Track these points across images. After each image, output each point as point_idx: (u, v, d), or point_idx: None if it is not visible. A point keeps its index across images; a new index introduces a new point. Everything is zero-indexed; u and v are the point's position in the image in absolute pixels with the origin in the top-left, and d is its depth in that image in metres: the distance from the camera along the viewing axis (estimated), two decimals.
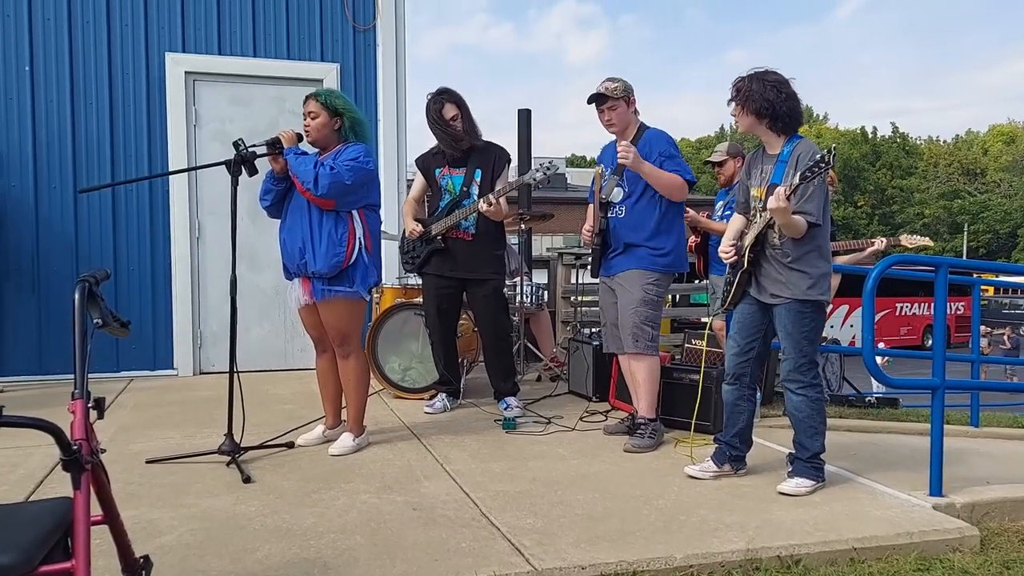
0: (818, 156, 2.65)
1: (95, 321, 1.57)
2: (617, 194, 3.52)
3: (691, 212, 4.50)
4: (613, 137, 3.63)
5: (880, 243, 4.88)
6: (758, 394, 3.51)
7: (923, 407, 5.35)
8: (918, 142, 51.27)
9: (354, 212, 3.22)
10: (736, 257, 2.94)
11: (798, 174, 2.67)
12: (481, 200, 3.80)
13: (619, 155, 3.34)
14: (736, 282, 2.94)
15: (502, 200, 3.84)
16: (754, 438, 3.14)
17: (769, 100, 2.82)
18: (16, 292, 5.13)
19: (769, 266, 2.86)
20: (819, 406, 2.88)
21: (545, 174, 3.80)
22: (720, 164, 4.67)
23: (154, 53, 5.30)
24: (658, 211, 3.47)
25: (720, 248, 3.03)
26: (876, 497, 2.83)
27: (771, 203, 2.69)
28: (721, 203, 4.68)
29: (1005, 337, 16.53)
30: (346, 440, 3.33)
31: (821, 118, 55.02)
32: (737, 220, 3.06)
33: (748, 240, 2.89)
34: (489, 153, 4.01)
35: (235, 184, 3.22)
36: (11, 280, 5.13)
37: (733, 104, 2.91)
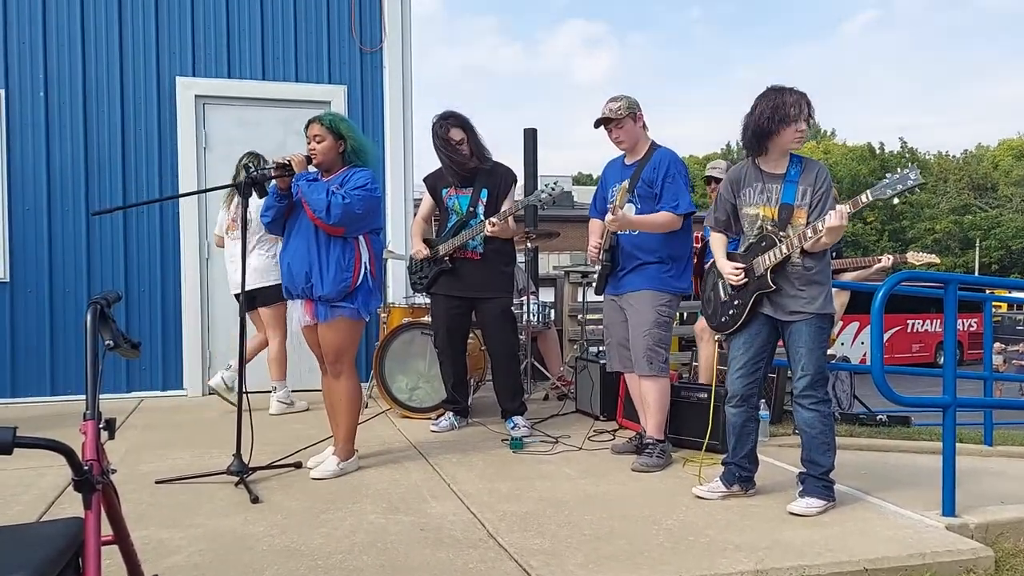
0: (909, 182, 2.71)
1: (106, 343, 1.59)
2: (629, 210, 3.52)
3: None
4: (619, 152, 3.65)
5: (887, 260, 4.87)
6: (764, 412, 3.49)
7: (936, 425, 5.29)
8: (927, 157, 51.15)
9: (360, 237, 3.25)
10: (746, 279, 2.91)
11: (868, 192, 2.73)
12: (486, 222, 3.82)
13: (607, 222, 3.38)
14: (751, 304, 2.91)
15: (509, 219, 3.87)
16: (764, 457, 3.12)
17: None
18: (30, 314, 5.19)
19: (787, 284, 2.84)
20: (830, 421, 2.87)
21: (550, 195, 3.83)
22: (719, 181, 4.66)
23: (165, 77, 5.40)
24: (673, 231, 3.46)
25: (728, 271, 2.98)
26: (888, 517, 2.80)
27: (834, 221, 2.66)
28: None
29: (1021, 352, 16.26)
30: (329, 464, 3.28)
31: (828, 134, 55.04)
32: (719, 239, 3.05)
33: (769, 263, 2.83)
34: (495, 173, 4.04)
35: (245, 206, 3.27)
36: (25, 302, 5.19)
37: (809, 122, 2.81)
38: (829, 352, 3.52)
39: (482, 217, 3.97)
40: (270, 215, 3.32)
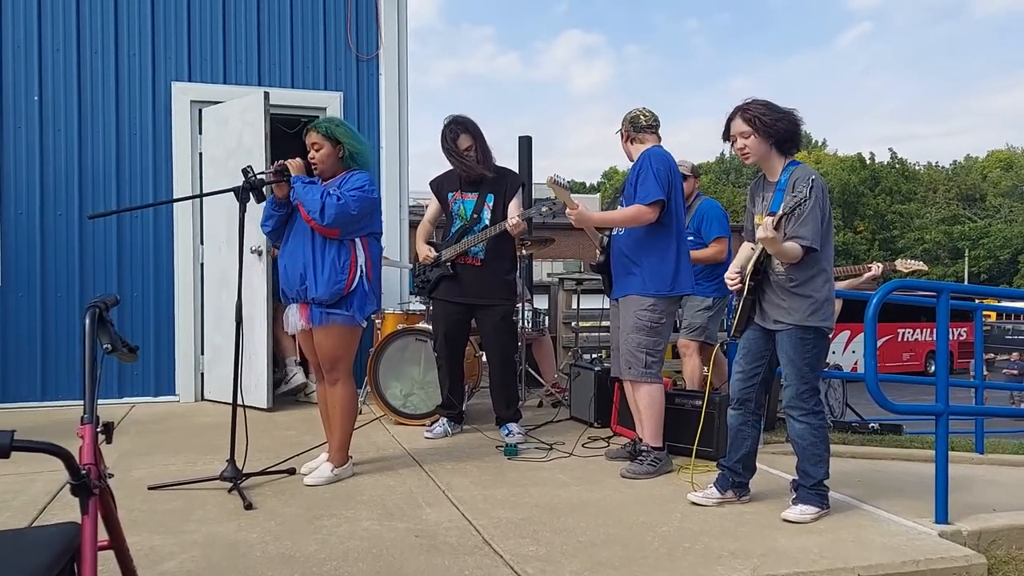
0: (799, 195, 2.68)
1: (104, 346, 1.58)
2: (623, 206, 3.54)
3: None
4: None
5: (877, 268, 4.90)
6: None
7: (927, 433, 5.33)
8: (917, 167, 51.58)
9: (357, 240, 3.24)
10: (741, 284, 2.96)
11: (781, 206, 2.70)
12: (501, 224, 3.84)
13: (567, 214, 3.39)
14: (740, 309, 2.95)
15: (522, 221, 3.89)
16: (758, 464, 3.13)
17: (783, 121, 2.85)
18: (21, 319, 5.15)
19: (772, 292, 2.88)
20: (822, 433, 2.87)
21: (551, 209, 3.84)
22: (683, 178, 4.62)
23: (161, 82, 5.38)
24: (649, 231, 3.41)
25: (726, 275, 3.04)
26: (881, 524, 2.82)
27: (759, 233, 2.73)
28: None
29: (1011, 361, 16.31)
30: (324, 471, 3.26)
31: (820, 144, 55.45)
32: (745, 248, 3.08)
33: (748, 268, 2.91)
34: (502, 179, 4.05)
35: (243, 211, 3.26)
36: (16, 306, 5.15)
37: (752, 136, 2.84)
38: None
39: (486, 223, 3.98)
40: (270, 224, 3.33)
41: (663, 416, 3.49)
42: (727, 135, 2.95)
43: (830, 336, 2.94)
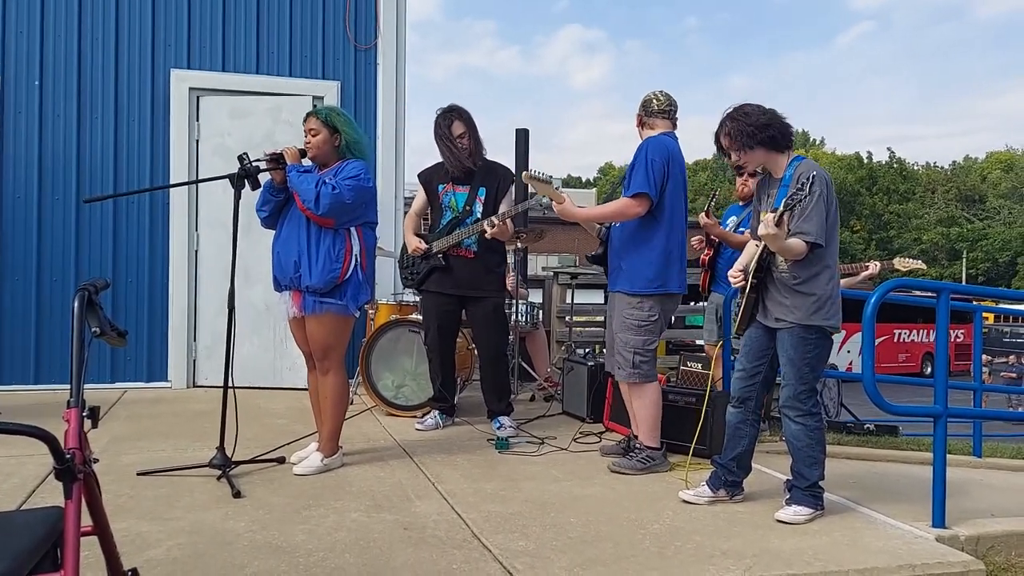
0: (799, 192, 2.66)
1: (93, 330, 1.56)
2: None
3: (704, 218, 4.33)
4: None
5: (874, 267, 4.84)
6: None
7: (923, 436, 5.30)
8: (915, 168, 51.59)
9: (352, 229, 3.22)
10: (744, 282, 2.93)
11: (783, 202, 2.68)
12: (485, 222, 3.79)
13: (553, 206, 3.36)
14: (742, 306, 2.92)
15: (508, 221, 3.84)
16: (752, 464, 3.10)
17: (762, 125, 2.82)
18: (16, 302, 5.13)
19: (775, 290, 2.84)
20: (818, 435, 2.84)
21: (543, 203, 3.79)
22: (752, 174, 4.51)
23: (160, 69, 5.35)
24: (640, 224, 3.32)
25: (729, 273, 3.01)
26: (877, 527, 2.79)
27: (760, 230, 2.71)
28: (734, 218, 4.53)
29: (1010, 364, 16.24)
30: (313, 460, 3.25)
31: (818, 143, 55.40)
32: (750, 245, 3.05)
33: (751, 265, 2.88)
34: (494, 172, 4.02)
35: (238, 198, 3.23)
36: (11, 289, 5.12)
37: (739, 152, 2.87)
38: None
39: (478, 215, 3.95)
40: (267, 209, 3.30)
41: (659, 416, 3.42)
42: (720, 149, 3.00)
43: (833, 336, 2.90)
